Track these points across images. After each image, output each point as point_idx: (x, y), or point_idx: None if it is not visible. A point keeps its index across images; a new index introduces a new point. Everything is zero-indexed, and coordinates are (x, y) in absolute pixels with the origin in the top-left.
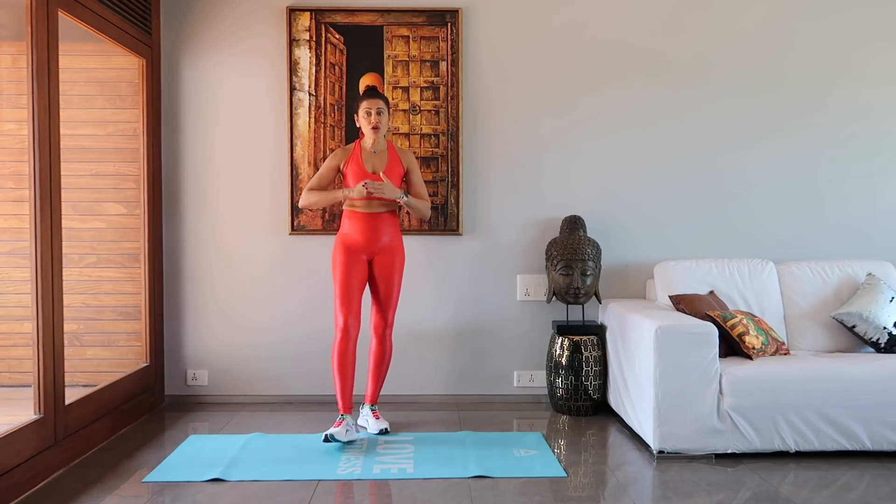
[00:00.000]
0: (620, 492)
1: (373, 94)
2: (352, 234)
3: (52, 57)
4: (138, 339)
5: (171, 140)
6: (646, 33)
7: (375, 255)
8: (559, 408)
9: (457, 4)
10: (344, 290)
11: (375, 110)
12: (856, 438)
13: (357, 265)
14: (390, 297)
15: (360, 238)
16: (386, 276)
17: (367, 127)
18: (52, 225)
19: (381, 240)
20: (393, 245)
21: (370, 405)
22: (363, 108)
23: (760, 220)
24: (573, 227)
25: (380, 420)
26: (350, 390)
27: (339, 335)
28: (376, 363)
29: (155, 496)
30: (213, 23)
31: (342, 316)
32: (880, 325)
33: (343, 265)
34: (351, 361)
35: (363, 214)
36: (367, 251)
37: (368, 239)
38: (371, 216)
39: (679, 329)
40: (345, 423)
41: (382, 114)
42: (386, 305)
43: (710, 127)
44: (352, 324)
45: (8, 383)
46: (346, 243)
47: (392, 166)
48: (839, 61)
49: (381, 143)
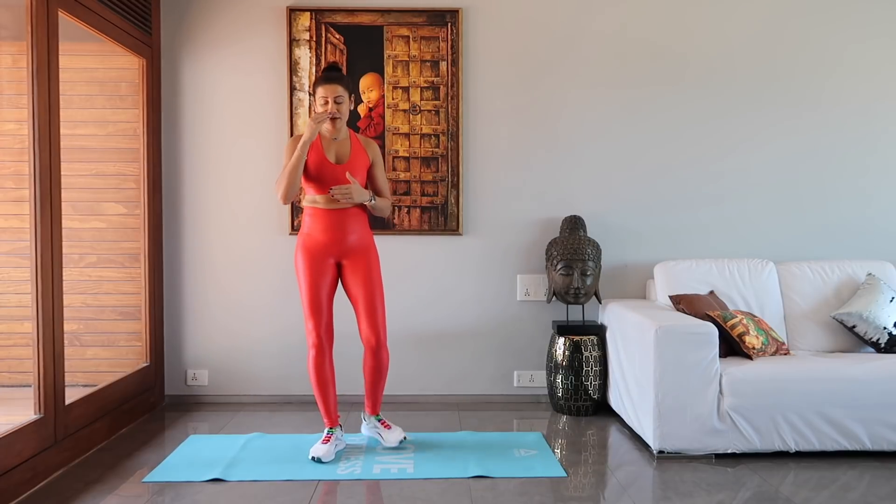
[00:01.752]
0: (620, 492)
1: (330, 77)
2: (314, 235)
3: (52, 57)
4: (138, 339)
5: (171, 140)
6: (646, 34)
7: (344, 257)
8: (559, 408)
9: (457, 4)
10: (312, 300)
11: (333, 99)
12: (856, 438)
13: (323, 270)
14: (373, 302)
15: (323, 238)
16: (362, 281)
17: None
18: (52, 225)
19: (349, 239)
20: (363, 244)
21: (375, 416)
22: (319, 95)
23: (761, 221)
24: (573, 227)
25: (393, 430)
26: (334, 403)
27: (313, 351)
28: (372, 379)
29: (155, 496)
30: (213, 23)
31: (313, 329)
32: (880, 325)
33: (308, 272)
34: (330, 375)
35: (326, 211)
36: (333, 253)
37: (333, 238)
38: (335, 213)
39: (679, 329)
40: (333, 439)
41: (342, 102)
42: (371, 313)
43: (711, 127)
44: (324, 336)
45: (8, 383)
46: (308, 246)
47: (357, 157)
48: (840, 61)
49: (343, 131)
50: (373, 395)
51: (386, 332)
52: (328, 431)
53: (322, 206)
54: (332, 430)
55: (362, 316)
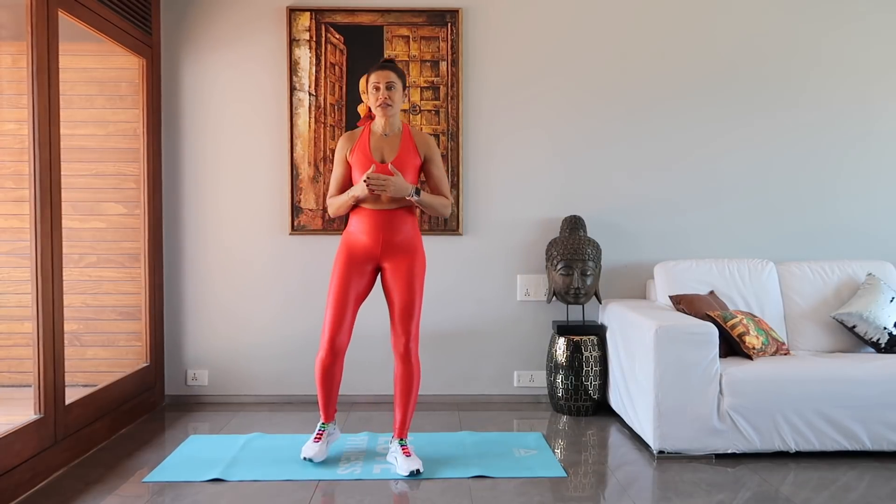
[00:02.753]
0: (620, 492)
1: (385, 65)
2: (357, 235)
3: (52, 57)
4: (138, 339)
5: (171, 140)
6: (646, 34)
7: (386, 259)
8: (559, 408)
9: (457, 4)
10: (337, 304)
11: (385, 84)
12: (856, 438)
13: (359, 277)
14: (411, 308)
15: (366, 240)
16: (403, 284)
17: (375, 105)
18: (52, 225)
19: (394, 239)
20: (411, 246)
21: (399, 440)
22: (371, 82)
23: (761, 221)
24: (573, 227)
25: (411, 458)
26: (334, 401)
27: (324, 351)
28: (403, 389)
29: (155, 496)
30: (213, 23)
31: (329, 332)
32: (880, 325)
33: (342, 275)
34: (337, 377)
35: (371, 212)
36: (375, 257)
37: (376, 241)
38: (380, 214)
39: (679, 329)
40: (325, 436)
41: (394, 89)
42: (406, 319)
43: (711, 127)
44: (340, 340)
45: (8, 383)
46: (349, 247)
47: (404, 155)
48: (840, 62)
49: (395, 124)
50: (401, 412)
51: (418, 341)
52: (321, 427)
53: (369, 206)
54: (325, 425)
55: (396, 321)
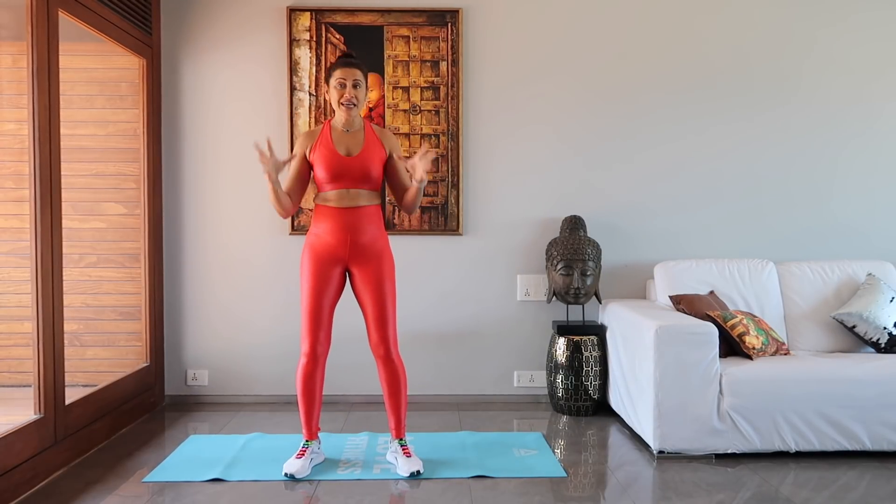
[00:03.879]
0: (620, 492)
1: (349, 61)
2: (322, 236)
3: (52, 57)
4: (138, 339)
5: (171, 140)
6: (645, 35)
7: (354, 261)
8: (559, 408)
9: (457, 4)
10: (311, 309)
11: (351, 82)
12: (856, 438)
13: (328, 280)
14: (384, 311)
15: (332, 240)
16: (374, 288)
17: (339, 101)
18: (52, 225)
19: (361, 241)
20: (377, 247)
21: (398, 440)
22: (336, 78)
23: (760, 220)
24: (573, 227)
25: (412, 459)
26: (317, 416)
27: (304, 359)
28: (391, 391)
29: (155, 496)
30: (213, 23)
31: (308, 339)
32: (880, 325)
33: (311, 278)
34: (318, 386)
35: (337, 210)
36: (343, 258)
37: (343, 241)
38: (346, 211)
39: (679, 329)
40: (308, 453)
41: (360, 87)
42: (381, 322)
43: (711, 127)
44: (320, 347)
45: (8, 383)
46: (315, 249)
47: (371, 148)
48: (839, 61)
49: (357, 120)
50: (394, 413)
51: (397, 341)
52: (304, 444)
53: (333, 205)
54: (308, 443)
55: (371, 324)
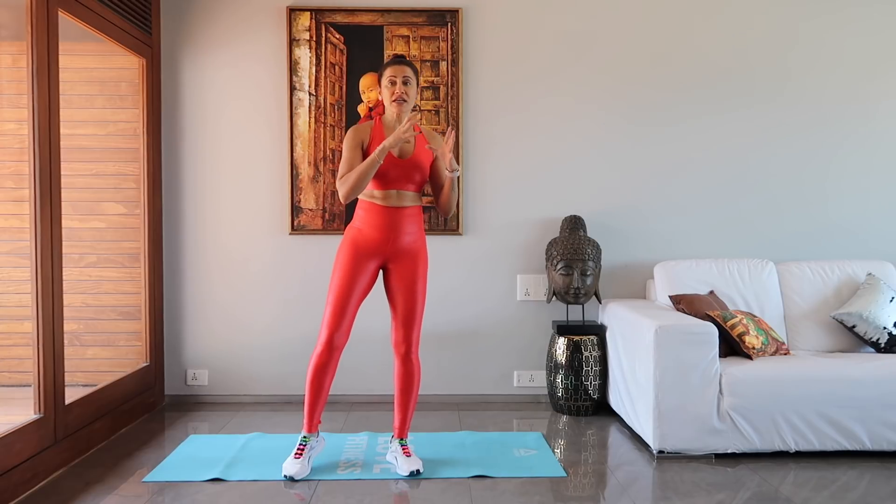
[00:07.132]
0: (620, 492)
1: (400, 60)
2: (366, 230)
3: (52, 57)
4: (138, 339)
5: (171, 140)
6: (646, 35)
7: (392, 259)
8: (559, 408)
9: (457, 4)
10: (339, 300)
11: (401, 79)
12: (856, 438)
13: (363, 273)
14: (414, 310)
15: (375, 235)
16: (407, 286)
17: (389, 99)
18: (52, 225)
19: (402, 240)
20: (415, 247)
21: (399, 440)
22: (387, 76)
23: (760, 220)
24: (573, 227)
25: (412, 459)
26: (321, 408)
27: (321, 347)
28: (404, 389)
29: (155, 496)
30: (213, 23)
31: (329, 328)
32: (880, 325)
33: (346, 271)
34: (329, 379)
35: (383, 208)
36: (382, 253)
37: (386, 238)
38: (392, 211)
39: (679, 329)
40: (306, 451)
41: (410, 84)
42: (409, 321)
43: (710, 128)
44: (339, 339)
45: (8, 383)
46: (356, 242)
47: (422, 151)
48: (839, 61)
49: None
50: (401, 412)
51: (419, 342)
52: (302, 441)
53: (379, 203)
54: (307, 438)
55: (399, 322)
